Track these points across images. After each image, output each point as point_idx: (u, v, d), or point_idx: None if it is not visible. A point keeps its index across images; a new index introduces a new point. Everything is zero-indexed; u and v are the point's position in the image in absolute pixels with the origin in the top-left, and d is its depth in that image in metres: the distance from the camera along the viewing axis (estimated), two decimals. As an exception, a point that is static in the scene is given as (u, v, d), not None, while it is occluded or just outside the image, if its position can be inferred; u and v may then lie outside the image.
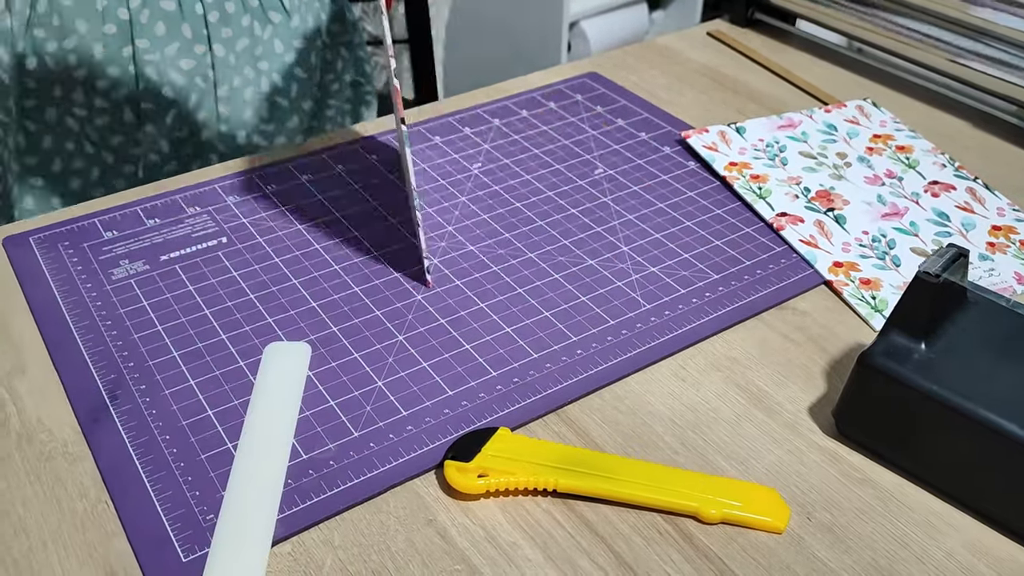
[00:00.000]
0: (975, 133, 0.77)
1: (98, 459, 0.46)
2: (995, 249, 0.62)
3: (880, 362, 0.46)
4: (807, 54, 0.90)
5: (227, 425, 0.48)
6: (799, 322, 0.56)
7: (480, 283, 0.58)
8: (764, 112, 0.79)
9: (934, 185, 0.68)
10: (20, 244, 0.60)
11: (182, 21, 0.76)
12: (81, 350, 0.52)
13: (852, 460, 0.48)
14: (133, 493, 0.44)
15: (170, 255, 0.60)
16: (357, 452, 0.47)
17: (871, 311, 0.57)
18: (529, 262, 0.60)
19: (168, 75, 0.77)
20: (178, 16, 0.76)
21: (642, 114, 0.77)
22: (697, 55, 0.89)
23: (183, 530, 0.43)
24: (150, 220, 0.63)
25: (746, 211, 0.66)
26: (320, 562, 0.42)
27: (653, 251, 0.61)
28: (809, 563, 0.42)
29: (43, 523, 0.43)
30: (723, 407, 0.50)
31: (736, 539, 0.43)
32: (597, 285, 0.58)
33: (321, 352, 0.53)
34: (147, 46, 0.75)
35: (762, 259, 0.61)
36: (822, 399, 0.51)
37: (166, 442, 0.47)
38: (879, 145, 0.73)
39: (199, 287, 0.57)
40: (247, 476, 0.44)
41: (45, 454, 0.47)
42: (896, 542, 0.43)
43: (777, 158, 0.71)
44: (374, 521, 0.44)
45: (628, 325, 0.55)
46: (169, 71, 0.77)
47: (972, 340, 0.46)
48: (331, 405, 0.49)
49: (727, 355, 0.54)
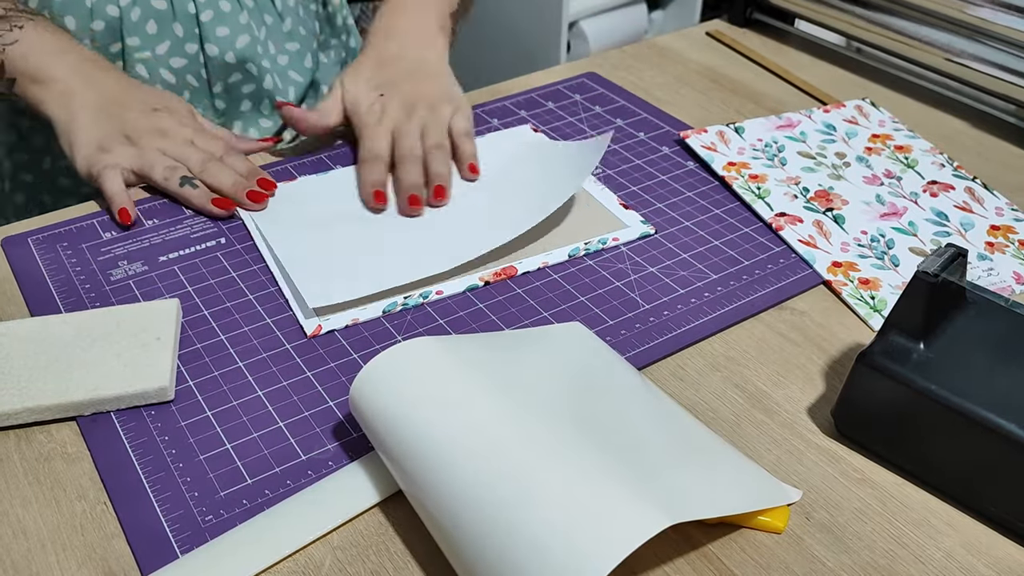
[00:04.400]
0: (974, 133, 0.77)
1: (97, 460, 0.46)
2: (994, 249, 0.62)
3: (879, 362, 0.46)
4: (806, 54, 0.90)
5: (226, 426, 0.48)
6: (798, 322, 0.56)
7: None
8: (763, 112, 0.79)
9: (933, 185, 0.68)
10: (19, 244, 0.60)
11: (173, 20, 0.76)
12: (80, 351, 0.52)
13: (851, 460, 0.48)
14: (132, 494, 0.44)
15: (169, 256, 0.60)
16: (356, 454, 0.47)
17: (870, 311, 0.57)
18: (528, 262, 0.60)
19: (159, 74, 0.77)
20: (169, 15, 0.75)
21: (641, 114, 0.77)
22: (696, 55, 0.89)
23: (182, 531, 0.43)
24: (149, 221, 0.63)
25: (745, 211, 0.66)
26: (319, 562, 0.42)
27: (651, 251, 0.61)
28: (808, 563, 0.42)
29: (42, 524, 0.43)
30: (722, 407, 0.50)
31: (735, 539, 0.43)
32: (595, 285, 0.58)
33: (320, 352, 0.53)
34: (137, 44, 0.75)
35: (761, 259, 0.61)
36: (821, 399, 0.51)
37: (165, 443, 0.47)
38: (878, 145, 0.73)
39: (198, 288, 0.57)
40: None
41: (44, 455, 0.47)
42: (895, 542, 0.43)
43: (776, 158, 0.71)
44: (372, 522, 0.44)
45: (627, 325, 0.55)
46: (160, 69, 0.77)
47: (971, 340, 0.46)
48: (330, 405, 0.49)
49: (726, 355, 0.54)
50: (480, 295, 0.57)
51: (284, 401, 0.49)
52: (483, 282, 0.58)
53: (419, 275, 0.57)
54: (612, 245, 0.62)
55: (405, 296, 0.56)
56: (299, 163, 0.70)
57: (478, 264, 0.59)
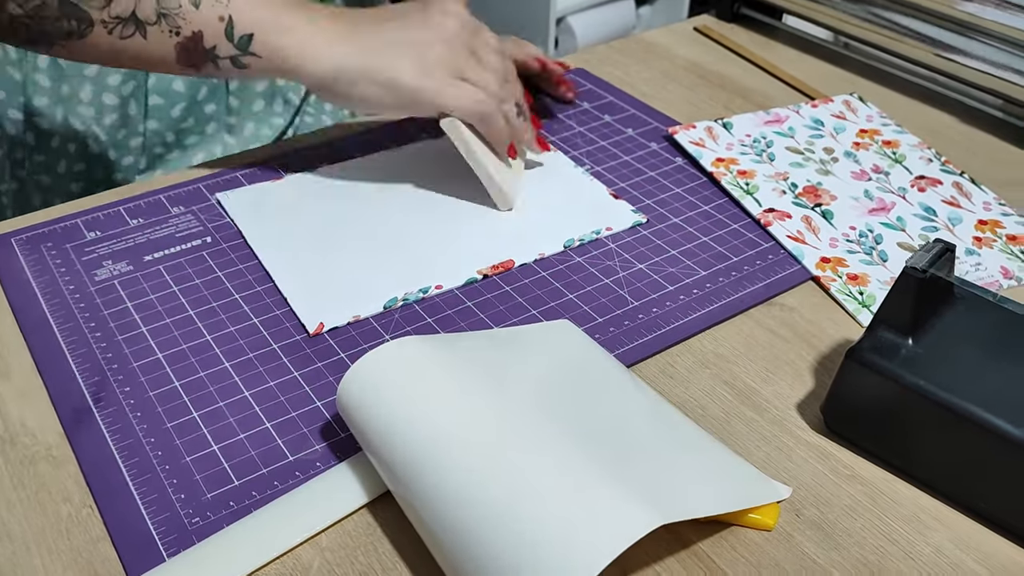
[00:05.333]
0: (962, 128, 0.77)
1: (82, 462, 0.46)
2: (981, 244, 0.62)
3: (867, 358, 0.46)
4: (793, 49, 0.90)
5: (213, 427, 0.47)
6: (787, 318, 0.56)
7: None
8: (751, 107, 0.79)
9: (920, 180, 0.68)
10: (1, 245, 0.60)
11: None
12: (64, 352, 0.52)
13: (840, 456, 0.48)
14: (118, 496, 0.44)
15: (154, 255, 0.59)
16: (344, 455, 0.46)
17: (859, 307, 0.57)
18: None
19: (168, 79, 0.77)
20: None
21: (629, 110, 0.77)
22: (684, 50, 0.89)
23: (168, 533, 0.42)
24: (134, 220, 0.62)
25: (733, 207, 0.65)
26: (307, 564, 0.42)
27: (640, 248, 0.61)
28: (798, 560, 0.42)
29: (27, 527, 0.43)
30: (711, 404, 0.50)
31: (725, 536, 0.43)
32: (584, 282, 0.58)
33: (308, 352, 0.52)
34: None
35: (749, 255, 0.61)
36: (810, 395, 0.51)
37: (151, 445, 0.46)
38: (866, 140, 0.73)
39: (183, 287, 0.57)
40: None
41: (28, 457, 0.46)
42: (884, 538, 0.43)
43: (764, 154, 0.71)
44: (361, 523, 0.44)
45: (615, 322, 0.55)
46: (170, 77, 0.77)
47: (959, 335, 0.46)
48: (317, 406, 0.49)
49: (715, 352, 0.54)
50: (468, 293, 0.57)
51: (271, 402, 0.49)
52: (481, 275, 0.58)
53: (415, 287, 0.57)
54: (606, 235, 0.62)
55: (405, 292, 0.56)
56: (283, 162, 0.69)
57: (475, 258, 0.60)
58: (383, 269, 0.58)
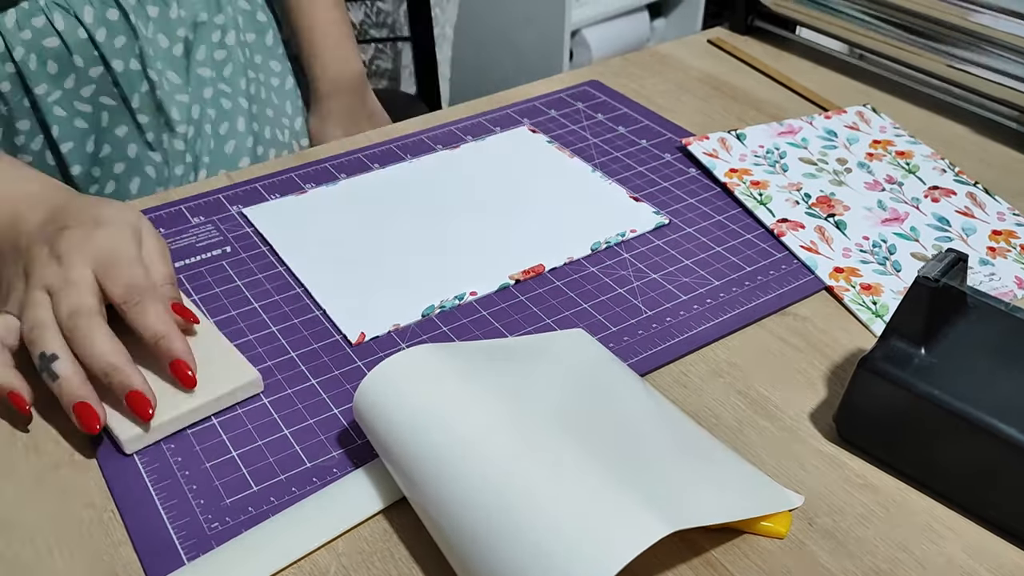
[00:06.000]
0: (975, 138, 0.77)
1: (104, 468, 0.46)
2: (995, 253, 0.62)
3: (880, 367, 0.46)
4: (807, 61, 0.90)
5: (231, 434, 0.48)
6: (800, 328, 0.57)
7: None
8: (764, 119, 0.79)
9: (934, 190, 0.68)
10: (26, 255, 0.61)
11: (70, 54, 0.73)
12: (86, 360, 0.52)
13: (853, 465, 0.48)
14: (138, 501, 0.45)
15: (175, 265, 0.60)
16: (360, 461, 0.47)
17: (872, 316, 0.57)
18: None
19: (74, 107, 0.75)
20: (64, 51, 0.73)
21: (643, 121, 0.78)
22: (698, 62, 0.89)
23: (188, 538, 0.43)
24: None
25: (747, 217, 0.66)
26: (324, 569, 0.42)
27: (654, 257, 0.62)
28: (810, 568, 0.42)
29: (49, 532, 0.44)
30: (725, 413, 0.51)
31: (738, 544, 0.44)
32: (598, 292, 0.58)
33: (325, 360, 0.53)
34: (45, 90, 0.73)
35: (763, 265, 0.61)
36: (823, 405, 0.51)
37: (171, 451, 0.47)
38: (879, 151, 0.73)
39: (203, 296, 0.57)
40: None
41: (52, 463, 0.47)
42: (897, 547, 0.44)
43: (777, 164, 0.71)
44: (377, 528, 0.44)
45: (629, 331, 0.55)
46: (74, 102, 0.75)
47: (972, 345, 0.47)
48: (334, 413, 0.50)
49: (728, 361, 0.54)
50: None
51: (289, 409, 0.50)
52: (513, 280, 0.59)
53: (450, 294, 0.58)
54: (631, 237, 0.63)
55: (441, 300, 0.57)
56: (303, 172, 0.70)
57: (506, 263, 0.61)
58: (417, 277, 0.59)
